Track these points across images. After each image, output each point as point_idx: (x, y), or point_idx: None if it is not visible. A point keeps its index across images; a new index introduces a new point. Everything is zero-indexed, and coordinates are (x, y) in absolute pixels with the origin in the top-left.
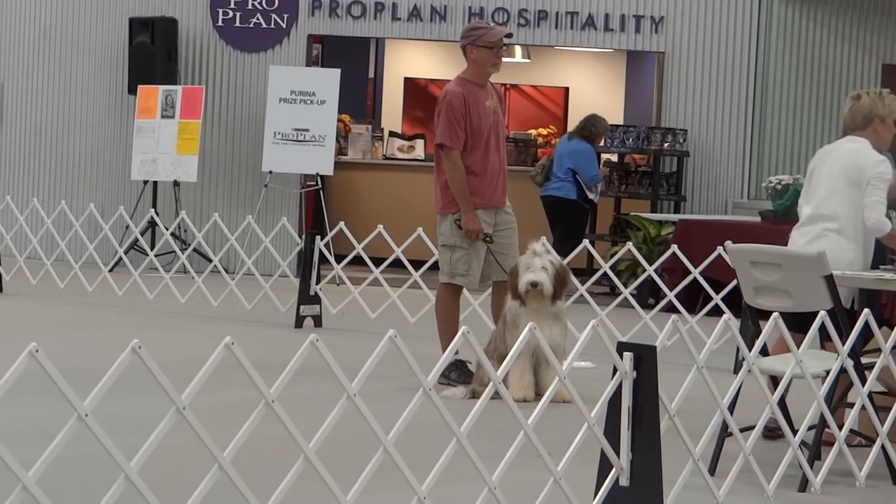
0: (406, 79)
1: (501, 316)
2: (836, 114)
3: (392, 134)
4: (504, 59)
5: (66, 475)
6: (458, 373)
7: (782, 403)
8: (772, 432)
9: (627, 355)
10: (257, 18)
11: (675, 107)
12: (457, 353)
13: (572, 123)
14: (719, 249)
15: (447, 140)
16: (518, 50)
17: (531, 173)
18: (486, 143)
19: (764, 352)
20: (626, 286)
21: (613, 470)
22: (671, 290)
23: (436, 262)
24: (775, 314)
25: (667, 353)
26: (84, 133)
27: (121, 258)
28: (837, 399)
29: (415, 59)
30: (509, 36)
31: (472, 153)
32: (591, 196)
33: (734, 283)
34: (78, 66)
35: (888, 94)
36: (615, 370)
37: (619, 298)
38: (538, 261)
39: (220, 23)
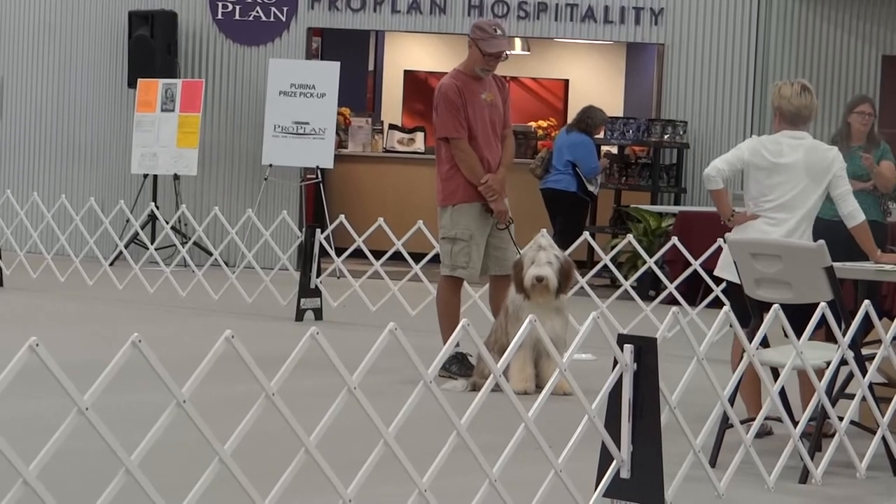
0: (406, 71)
1: (503, 308)
2: (835, 105)
3: (392, 127)
4: (506, 60)
5: (67, 469)
6: (459, 365)
7: (783, 395)
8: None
9: (628, 347)
10: (257, 11)
11: (675, 98)
12: (457, 345)
13: (572, 115)
14: (720, 241)
15: (451, 131)
16: (518, 42)
17: (531, 166)
18: (482, 136)
19: (764, 343)
20: (626, 278)
21: (614, 462)
22: (671, 281)
23: (436, 255)
24: (775, 306)
25: (667, 345)
26: (84, 127)
27: (121, 252)
28: (838, 390)
29: (414, 52)
30: (504, 57)
31: (469, 145)
32: (591, 188)
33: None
34: (78, 59)
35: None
36: (616, 362)
37: (620, 290)
38: (543, 255)
39: (219, 16)
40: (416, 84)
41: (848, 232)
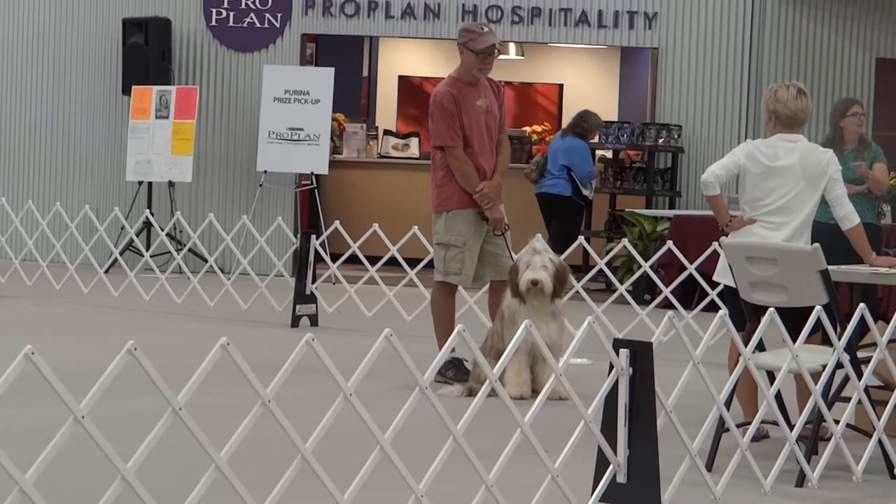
0: (400, 77)
1: (499, 313)
2: (830, 108)
3: (386, 132)
4: (498, 56)
5: (63, 477)
6: (455, 371)
7: (779, 398)
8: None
9: (624, 352)
10: (251, 18)
11: (669, 102)
12: (453, 350)
13: (566, 120)
14: (715, 245)
15: (447, 140)
16: (512, 47)
17: (525, 170)
18: (478, 143)
19: (760, 347)
20: (621, 283)
21: (611, 466)
22: (667, 286)
23: (432, 261)
24: (771, 309)
25: (663, 349)
26: (78, 134)
27: (116, 259)
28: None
29: (409, 58)
30: (497, 50)
31: (464, 153)
32: (585, 193)
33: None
34: (71, 67)
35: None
36: (611, 367)
37: (615, 295)
38: (538, 259)
39: (213, 23)
40: (411, 89)
41: (843, 235)
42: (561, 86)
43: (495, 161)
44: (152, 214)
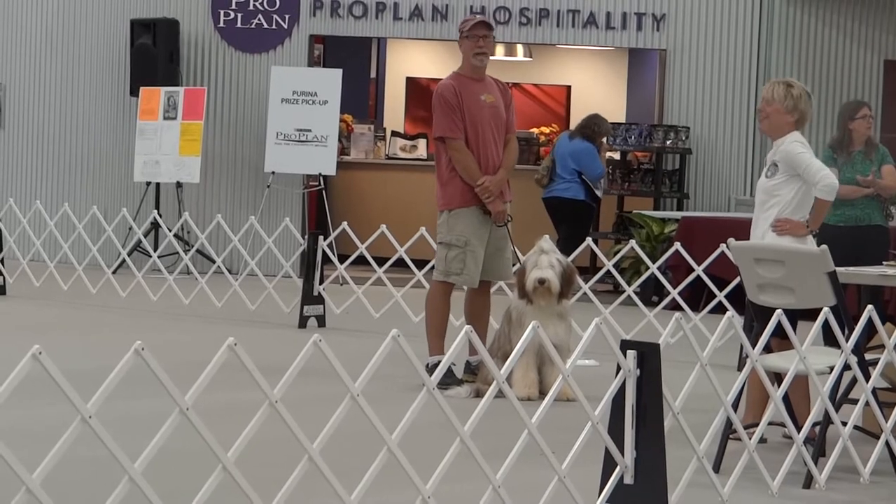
0: (408, 78)
1: (506, 314)
2: (837, 110)
3: (394, 134)
4: (506, 58)
5: (70, 477)
6: (446, 374)
7: (786, 400)
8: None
9: (631, 353)
10: (259, 19)
11: (677, 104)
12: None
13: (574, 122)
14: (722, 247)
15: (447, 131)
16: (520, 48)
17: (536, 176)
18: (483, 137)
19: (767, 349)
20: (629, 284)
21: (618, 468)
22: (674, 287)
23: None
24: (778, 311)
25: (670, 351)
26: (86, 135)
27: (124, 260)
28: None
29: (417, 59)
30: (488, 27)
31: (468, 147)
32: (599, 194)
33: (737, 280)
34: (80, 68)
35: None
36: (619, 368)
37: (623, 296)
38: (546, 258)
39: (221, 24)
40: (419, 91)
41: (850, 237)
42: (569, 87)
43: (500, 157)
44: (160, 215)
